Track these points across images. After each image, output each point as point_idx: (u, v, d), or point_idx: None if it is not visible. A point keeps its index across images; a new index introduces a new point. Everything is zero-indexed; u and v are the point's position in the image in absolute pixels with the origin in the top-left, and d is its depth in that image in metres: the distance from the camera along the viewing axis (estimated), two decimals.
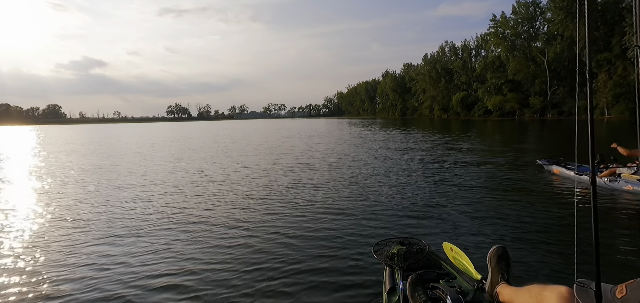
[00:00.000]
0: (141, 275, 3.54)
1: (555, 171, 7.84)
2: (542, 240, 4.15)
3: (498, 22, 53.79)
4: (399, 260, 2.67)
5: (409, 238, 3.04)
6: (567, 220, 4.78)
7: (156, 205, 6.42)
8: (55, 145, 24.45)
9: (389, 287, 2.45)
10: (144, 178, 9.55)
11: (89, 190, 8.01)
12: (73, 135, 40.25)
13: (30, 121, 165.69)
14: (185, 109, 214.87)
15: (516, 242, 4.10)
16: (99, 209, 6.22)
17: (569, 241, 3.99)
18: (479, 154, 12.60)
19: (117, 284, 3.35)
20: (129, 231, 4.91)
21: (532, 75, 49.33)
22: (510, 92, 52.69)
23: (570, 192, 6.36)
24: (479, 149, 14.42)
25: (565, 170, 7.53)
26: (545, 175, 7.96)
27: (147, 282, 3.38)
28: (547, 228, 4.56)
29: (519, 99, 51.76)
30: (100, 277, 3.52)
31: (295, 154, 14.03)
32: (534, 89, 49.47)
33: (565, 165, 7.71)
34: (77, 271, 3.68)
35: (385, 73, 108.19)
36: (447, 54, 73.77)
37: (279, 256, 3.86)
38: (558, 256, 3.68)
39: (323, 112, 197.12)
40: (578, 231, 4.30)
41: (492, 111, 55.81)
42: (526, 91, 51.43)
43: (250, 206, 6.10)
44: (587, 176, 6.86)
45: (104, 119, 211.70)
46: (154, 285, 3.32)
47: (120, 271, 3.64)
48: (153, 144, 22.51)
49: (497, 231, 4.47)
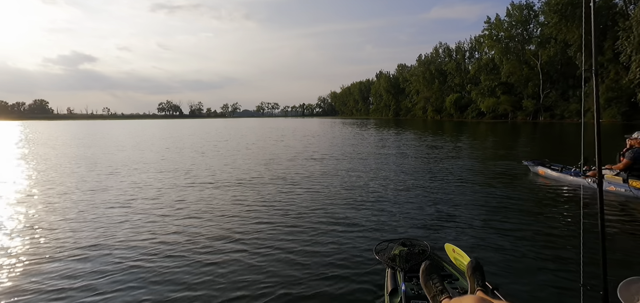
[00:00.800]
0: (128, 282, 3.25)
1: (540, 172, 7.98)
2: (543, 239, 4.22)
3: (492, 25, 53.85)
4: (400, 261, 2.65)
5: (410, 239, 3.02)
6: (567, 221, 4.94)
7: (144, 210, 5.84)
8: (38, 141, 23.46)
9: (391, 289, 2.43)
10: (126, 179, 8.88)
11: (62, 190, 7.39)
12: (57, 131, 39.28)
13: (16, 116, 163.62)
14: (176, 106, 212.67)
15: (516, 242, 4.13)
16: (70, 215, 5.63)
17: (569, 240, 4.09)
18: (476, 155, 12.76)
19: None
20: (107, 241, 4.39)
21: (526, 78, 49.46)
22: (503, 94, 52.79)
23: (569, 193, 6.56)
24: (476, 150, 14.57)
25: (550, 171, 7.68)
26: (542, 177, 7.98)
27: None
28: (547, 227, 4.65)
29: (512, 101, 51.88)
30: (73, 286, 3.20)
31: (290, 155, 13.73)
32: (527, 91, 49.58)
33: (550, 166, 7.87)
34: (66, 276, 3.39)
35: (379, 74, 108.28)
36: (441, 55, 73.89)
37: (278, 258, 3.79)
38: (558, 255, 3.76)
39: (316, 112, 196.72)
40: (572, 233, 4.12)
41: (485, 113, 55.98)
42: (519, 94, 51.57)
43: (248, 209, 5.81)
44: (570, 177, 7.09)
45: (93, 115, 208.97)
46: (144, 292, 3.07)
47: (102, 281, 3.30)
48: (139, 144, 21.68)
49: (498, 232, 4.50)
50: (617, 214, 5.28)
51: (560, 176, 7.33)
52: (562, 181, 7.24)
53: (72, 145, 19.71)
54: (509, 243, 4.08)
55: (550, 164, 7.96)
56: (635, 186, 5.92)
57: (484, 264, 2.28)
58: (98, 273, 3.46)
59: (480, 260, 2.27)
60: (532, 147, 15.91)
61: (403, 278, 2.46)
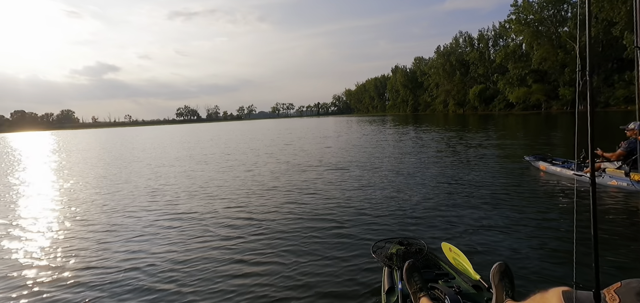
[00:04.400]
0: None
1: (541, 167, 7.79)
2: (543, 239, 4.03)
3: (520, 8, 48.93)
4: (397, 260, 2.69)
5: (408, 238, 3.10)
6: (565, 218, 4.68)
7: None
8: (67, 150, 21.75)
9: (388, 287, 2.46)
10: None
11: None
12: (74, 140, 39.80)
13: (45, 127, 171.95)
14: (194, 110, 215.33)
15: (516, 242, 3.99)
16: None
17: (566, 241, 3.92)
18: (497, 151, 11.79)
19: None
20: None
21: (561, 63, 44.37)
22: (535, 83, 47.84)
23: (570, 189, 6.27)
24: (498, 146, 13.37)
25: (551, 166, 7.51)
26: (549, 174, 7.46)
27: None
28: (547, 227, 4.42)
29: (546, 90, 46.87)
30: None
31: (295, 154, 13.73)
32: (564, 78, 44.48)
33: (552, 161, 7.70)
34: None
35: (394, 68, 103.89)
36: (462, 45, 69.10)
37: (277, 257, 3.80)
38: (557, 255, 3.60)
39: (332, 111, 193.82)
40: (564, 228, 4.26)
41: (515, 104, 51.23)
42: (554, 81, 46.52)
43: (247, 208, 5.97)
44: (571, 172, 6.89)
45: (116, 123, 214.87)
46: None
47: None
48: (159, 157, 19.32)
49: (497, 231, 4.35)
50: (618, 209, 5.01)
51: (562, 172, 7.12)
52: (563, 176, 7.01)
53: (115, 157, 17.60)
54: (505, 241, 3.98)
55: (552, 159, 7.80)
56: (637, 180, 5.69)
57: (483, 263, 2.24)
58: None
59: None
60: (568, 140, 13.96)
61: (400, 277, 2.43)
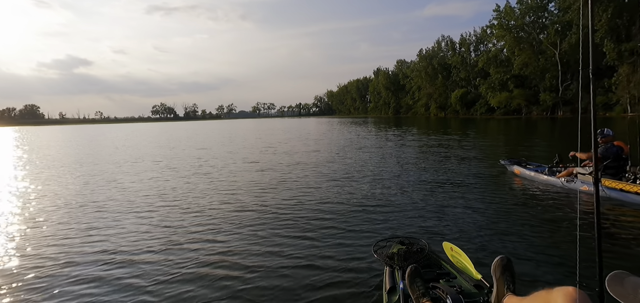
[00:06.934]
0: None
1: (516, 171, 7.82)
2: (542, 239, 4.11)
3: (502, 13, 49.08)
4: (399, 259, 2.68)
5: (409, 238, 3.11)
6: (564, 220, 4.78)
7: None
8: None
9: (389, 287, 2.45)
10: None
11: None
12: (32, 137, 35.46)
13: (5, 122, 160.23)
14: (170, 108, 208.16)
15: (516, 242, 4.04)
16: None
17: (567, 240, 4.02)
18: (480, 154, 12.09)
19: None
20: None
21: (542, 69, 44.67)
22: (516, 88, 48.00)
23: (545, 193, 6.25)
24: (481, 149, 13.78)
25: (526, 171, 7.55)
26: (546, 177, 7.16)
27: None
28: (546, 227, 4.54)
29: (527, 95, 47.09)
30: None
31: (289, 152, 13.78)
32: (544, 84, 44.79)
33: (526, 166, 7.76)
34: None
35: (377, 70, 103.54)
36: (444, 49, 69.16)
37: (278, 257, 3.79)
38: (557, 255, 3.65)
39: (313, 111, 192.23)
40: (560, 234, 4.24)
41: (495, 109, 51.35)
42: (535, 87, 46.82)
43: (248, 208, 5.91)
44: (545, 176, 6.99)
45: (85, 119, 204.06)
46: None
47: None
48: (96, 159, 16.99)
49: (496, 231, 4.41)
50: (588, 217, 4.84)
51: (536, 176, 7.21)
52: (537, 180, 7.13)
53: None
54: (512, 243, 3.97)
55: (526, 163, 7.91)
56: (608, 186, 5.66)
57: (479, 262, 2.28)
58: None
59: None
60: (550, 144, 14.52)
61: (401, 276, 2.43)
